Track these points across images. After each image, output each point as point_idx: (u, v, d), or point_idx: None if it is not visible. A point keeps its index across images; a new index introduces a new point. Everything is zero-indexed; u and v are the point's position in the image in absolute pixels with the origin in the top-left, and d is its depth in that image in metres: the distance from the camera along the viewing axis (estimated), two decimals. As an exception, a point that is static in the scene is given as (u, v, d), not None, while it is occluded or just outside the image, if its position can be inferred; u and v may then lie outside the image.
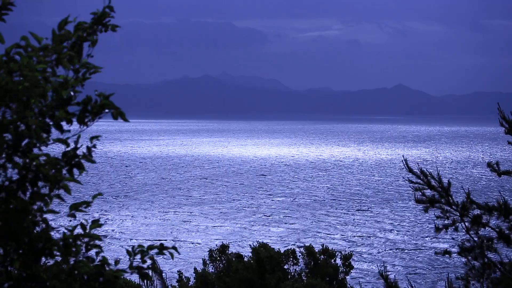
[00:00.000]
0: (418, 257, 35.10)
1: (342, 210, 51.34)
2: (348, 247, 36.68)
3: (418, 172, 6.70)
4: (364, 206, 53.24)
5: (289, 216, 48.31)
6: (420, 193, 6.65)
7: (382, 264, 32.11)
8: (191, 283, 16.85)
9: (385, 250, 36.84)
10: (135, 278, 18.50)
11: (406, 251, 36.59)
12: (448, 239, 37.39)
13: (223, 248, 16.67)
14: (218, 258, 16.38)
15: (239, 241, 38.53)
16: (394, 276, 28.23)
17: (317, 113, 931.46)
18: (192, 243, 39.00)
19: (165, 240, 39.89)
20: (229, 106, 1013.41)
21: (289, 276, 15.63)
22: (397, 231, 42.45)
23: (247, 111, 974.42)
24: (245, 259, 16.02)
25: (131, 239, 39.86)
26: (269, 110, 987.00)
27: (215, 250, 16.59)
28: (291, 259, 15.93)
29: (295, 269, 15.87)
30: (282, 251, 16.12)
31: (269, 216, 48.48)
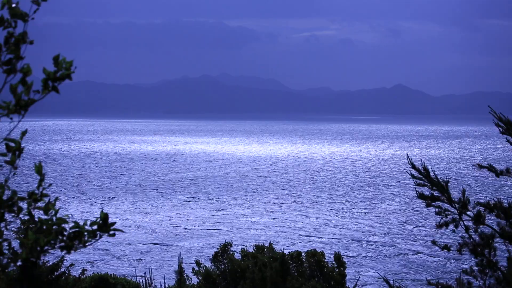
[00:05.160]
0: (414, 258, 35.11)
1: (332, 209, 51.39)
2: (341, 248, 36.70)
3: (421, 168, 6.69)
4: (352, 205, 53.27)
5: (276, 218, 48.33)
6: (424, 189, 6.65)
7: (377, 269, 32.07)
8: (194, 280, 16.77)
9: (382, 252, 36.84)
10: (135, 278, 18.43)
11: (400, 253, 36.60)
12: (447, 238, 37.42)
13: (225, 246, 16.55)
14: (220, 258, 16.25)
15: (235, 241, 38.53)
16: (393, 281, 28.09)
17: (317, 113, 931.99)
18: (188, 244, 39.02)
19: (164, 243, 39.86)
20: (229, 106, 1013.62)
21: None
22: (385, 232, 42.47)
23: (247, 111, 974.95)
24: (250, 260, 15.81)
25: (119, 241, 39.86)
26: (269, 110, 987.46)
27: (218, 249, 16.53)
28: (294, 262, 15.77)
29: (301, 272, 15.71)
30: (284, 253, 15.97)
31: (255, 217, 48.51)
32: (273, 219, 47.38)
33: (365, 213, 49.85)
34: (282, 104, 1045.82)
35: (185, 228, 43.75)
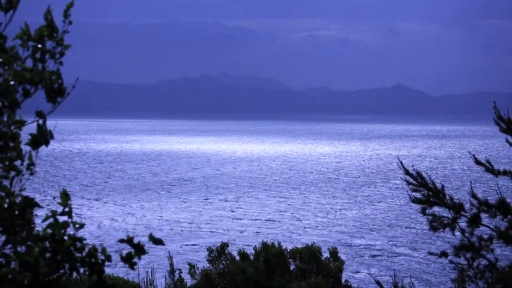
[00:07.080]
0: (411, 259, 35.62)
1: (323, 210, 51.72)
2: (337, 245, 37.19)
3: (414, 173, 6.70)
4: (344, 204, 53.63)
5: (270, 219, 48.68)
6: (419, 194, 6.67)
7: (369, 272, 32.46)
8: (190, 282, 17.06)
9: (377, 252, 37.30)
10: (134, 277, 19.00)
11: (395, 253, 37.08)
12: (442, 241, 38.04)
13: (223, 247, 16.63)
14: (217, 258, 16.15)
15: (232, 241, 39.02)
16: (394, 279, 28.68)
17: (317, 113, 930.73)
18: (187, 244, 39.28)
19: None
20: (229, 106, 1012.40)
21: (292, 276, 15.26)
22: (381, 229, 42.87)
23: (246, 111, 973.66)
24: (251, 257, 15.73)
25: (111, 242, 40.30)
26: (269, 110, 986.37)
27: (214, 249, 16.24)
28: (296, 259, 15.60)
29: (299, 268, 15.53)
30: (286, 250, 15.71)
31: (246, 218, 48.81)
32: (265, 220, 47.30)
33: (356, 214, 49.77)
34: (282, 104, 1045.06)
35: (174, 229, 43.44)
